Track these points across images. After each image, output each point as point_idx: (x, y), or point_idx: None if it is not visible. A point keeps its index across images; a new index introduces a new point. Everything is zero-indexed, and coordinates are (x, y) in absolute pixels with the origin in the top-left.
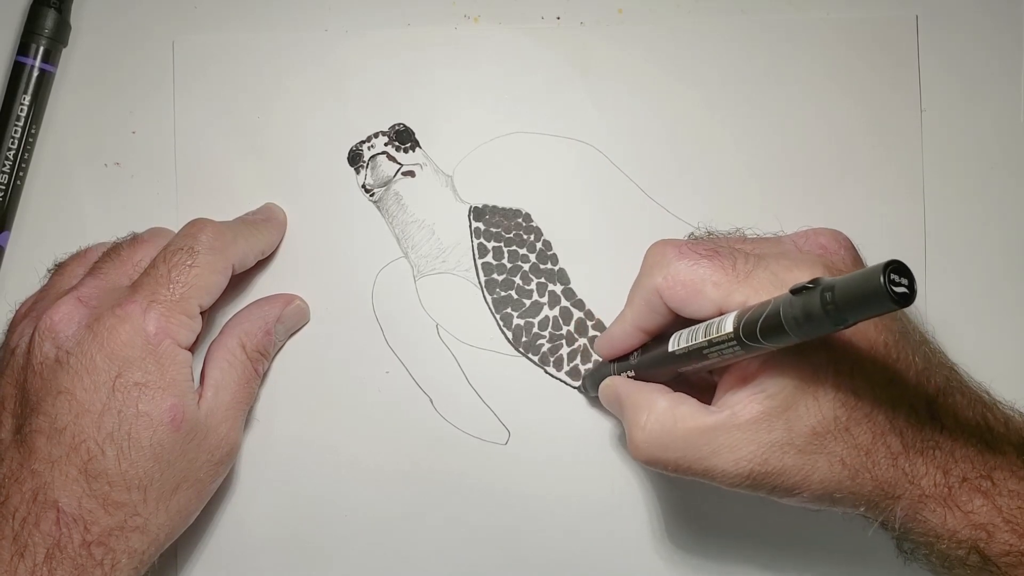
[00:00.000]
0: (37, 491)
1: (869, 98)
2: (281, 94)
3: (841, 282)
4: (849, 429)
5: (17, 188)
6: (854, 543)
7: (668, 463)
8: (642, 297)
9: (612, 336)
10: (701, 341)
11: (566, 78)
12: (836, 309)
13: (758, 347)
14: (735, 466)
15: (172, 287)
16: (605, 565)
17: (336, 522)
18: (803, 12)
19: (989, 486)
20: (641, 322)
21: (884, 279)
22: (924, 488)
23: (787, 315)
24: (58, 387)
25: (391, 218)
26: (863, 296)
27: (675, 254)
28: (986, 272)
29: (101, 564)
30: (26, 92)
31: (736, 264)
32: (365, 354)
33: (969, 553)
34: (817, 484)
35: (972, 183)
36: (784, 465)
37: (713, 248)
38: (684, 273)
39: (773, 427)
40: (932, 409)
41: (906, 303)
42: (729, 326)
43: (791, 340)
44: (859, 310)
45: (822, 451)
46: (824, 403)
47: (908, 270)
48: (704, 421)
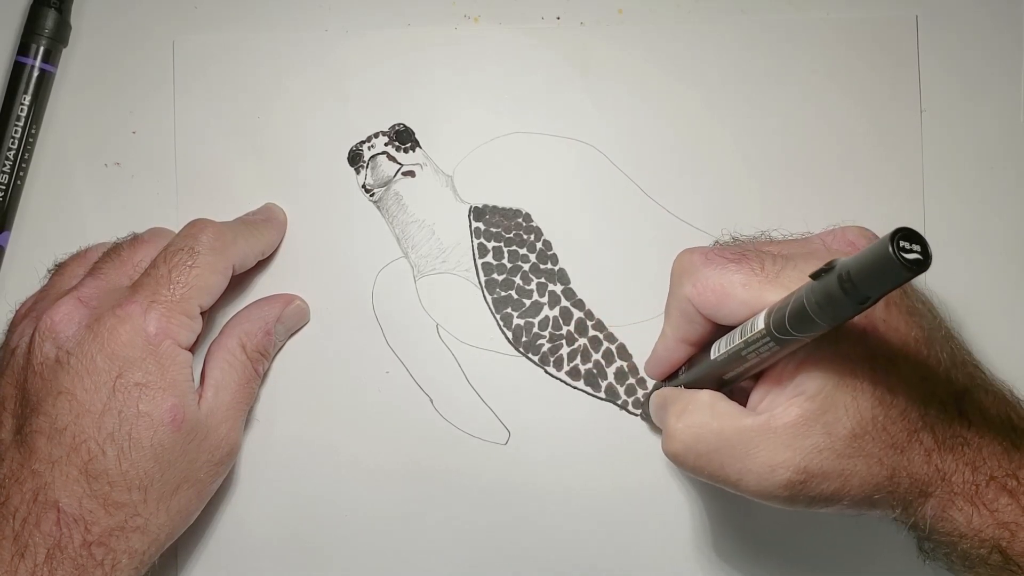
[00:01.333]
0: (38, 491)
1: (869, 98)
2: (281, 94)
3: (855, 259)
4: (886, 428)
5: (17, 188)
6: (870, 542)
7: (699, 456)
8: (676, 308)
9: (656, 354)
10: (738, 343)
11: (566, 78)
12: (853, 286)
13: (791, 339)
14: (771, 472)
15: (172, 287)
16: (605, 565)
17: (336, 522)
18: (803, 12)
19: (1015, 485)
20: (680, 334)
21: (893, 247)
22: (954, 485)
23: (810, 301)
24: (58, 387)
25: (391, 218)
26: (876, 268)
27: (702, 261)
28: (987, 272)
29: (102, 564)
30: (26, 92)
31: (764, 265)
32: (365, 354)
33: (991, 552)
34: (857, 488)
35: (972, 183)
36: (824, 470)
37: (740, 252)
38: (713, 279)
39: (812, 431)
40: (960, 405)
41: (920, 269)
42: (761, 323)
43: (820, 327)
44: (875, 283)
45: (860, 453)
46: (862, 402)
47: (919, 236)
48: (742, 422)
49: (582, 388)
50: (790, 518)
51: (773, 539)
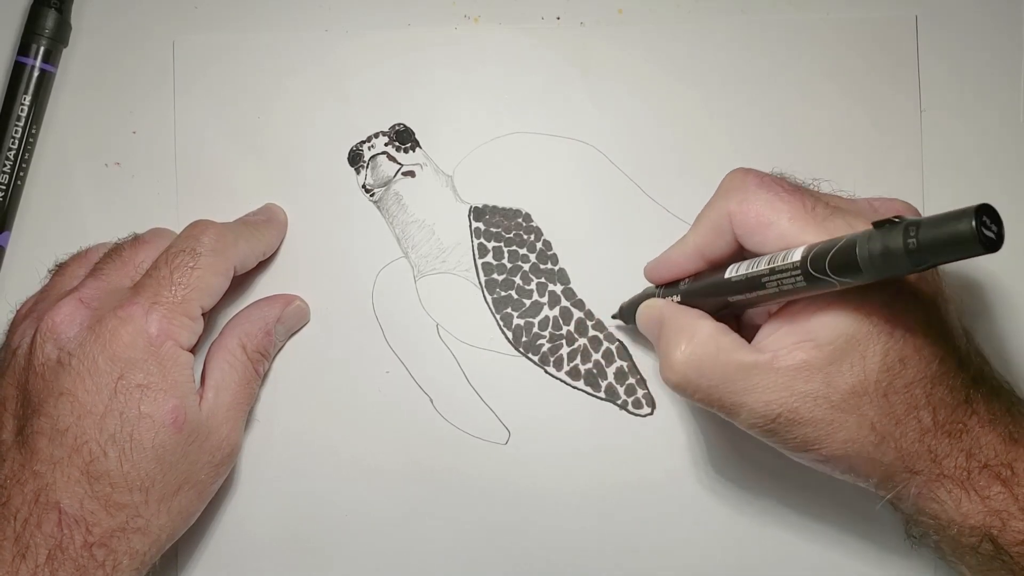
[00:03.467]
0: (39, 492)
1: (869, 98)
2: (281, 94)
3: (928, 220)
4: (888, 395)
5: (17, 188)
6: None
7: (699, 389)
8: (711, 220)
9: (668, 257)
10: (763, 268)
11: (566, 78)
12: (918, 247)
13: (823, 281)
14: (764, 407)
15: (174, 289)
16: (605, 564)
17: (336, 522)
18: (803, 12)
19: (1009, 475)
20: (703, 246)
21: (976, 223)
22: (944, 468)
23: (863, 248)
24: (60, 388)
25: (391, 218)
26: (950, 237)
27: (756, 183)
28: (986, 272)
29: (103, 565)
30: (26, 92)
31: (816, 207)
32: (365, 354)
33: (982, 541)
34: (839, 443)
35: (972, 183)
36: (813, 417)
37: (796, 187)
38: (761, 202)
39: (812, 378)
40: (968, 394)
41: (992, 249)
42: (796, 256)
43: (860, 278)
44: (943, 251)
45: (855, 411)
46: (870, 364)
47: (999, 217)
48: (745, 358)
49: (582, 388)
50: (794, 520)
51: (774, 539)
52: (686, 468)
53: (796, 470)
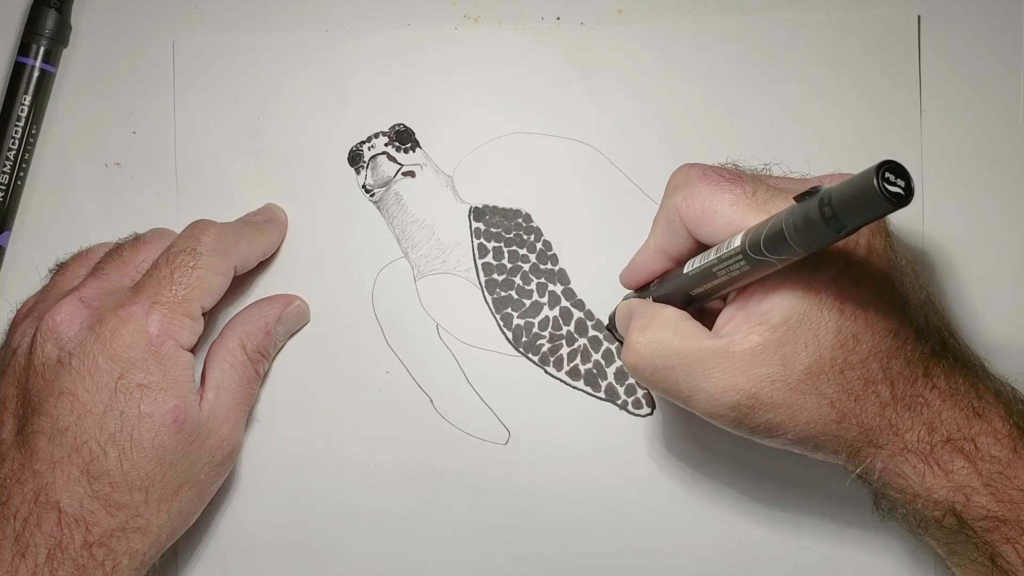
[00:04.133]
0: (39, 492)
1: (869, 98)
2: (281, 94)
3: (838, 186)
4: (844, 372)
5: (18, 188)
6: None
7: (656, 370)
8: (663, 218)
9: (634, 262)
10: (712, 259)
11: (566, 78)
12: (833, 212)
13: (763, 260)
14: (722, 394)
15: (175, 289)
16: (605, 564)
17: (336, 522)
18: (803, 12)
19: (972, 449)
20: (662, 244)
21: (878, 179)
22: (907, 442)
23: (788, 223)
24: (60, 388)
25: (391, 218)
26: (859, 197)
27: (698, 175)
28: (985, 272)
29: (102, 565)
30: (27, 92)
31: (757, 191)
32: (365, 354)
33: (945, 515)
34: (803, 425)
35: (972, 183)
36: (773, 400)
37: (737, 175)
38: (704, 193)
39: (768, 361)
40: (927, 367)
41: (900, 204)
42: (737, 242)
43: (794, 252)
44: (855, 212)
45: (813, 391)
46: (824, 342)
47: (905, 171)
48: (702, 343)
49: (582, 388)
50: (794, 520)
51: (774, 538)
52: (686, 468)
53: (796, 469)
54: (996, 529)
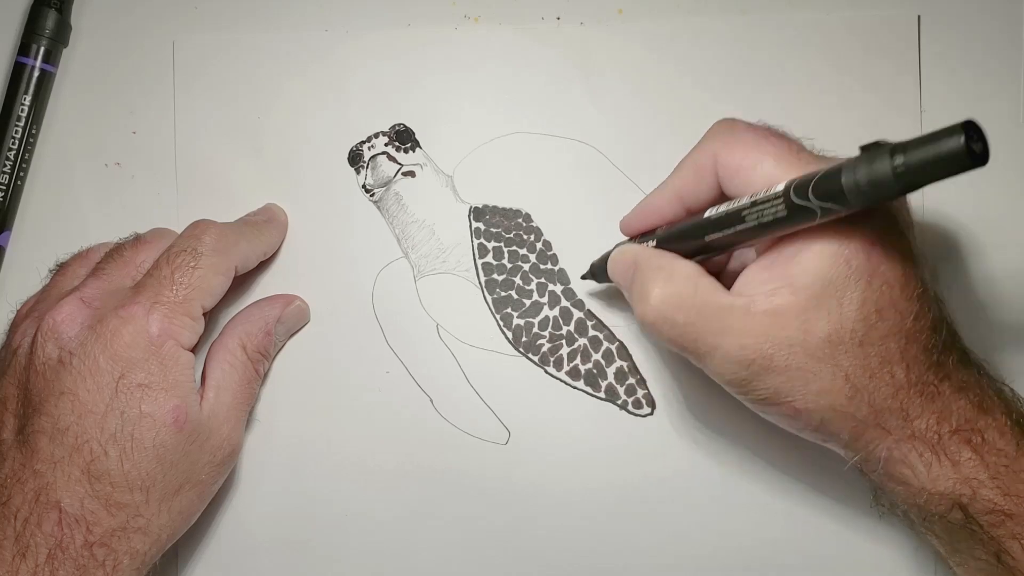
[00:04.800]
0: (39, 492)
1: (869, 98)
2: (281, 94)
3: (914, 140)
4: (863, 346)
5: (18, 188)
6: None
7: (676, 325)
8: (694, 162)
9: (645, 203)
10: (745, 202)
11: (566, 78)
12: (906, 168)
13: (804, 210)
14: (739, 351)
15: (175, 288)
16: (605, 564)
17: (336, 522)
18: (803, 12)
19: (979, 441)
20: (682, 189)
21: (965, 136)
22: (916, 428)
23: (848, 173)
24: (61, 388)
25: (391, 218)
26: (939, 154)
27: (744, 127)
28: (986, 273)
29: (103, 565)
30: (27, 92)
31: (801, 152)
32: (365, 354)
33: (951, 509)
34: (813, 394)
35: (971, 184)
36: (788, 365)
37: (783, 133)
38: (749, 143)
39: (789, 324)
40: (940, 357)
41: (981, 162)
42: (780, 187)
43: (844, 203)
44: (930, 169)
45: (830, 360)
46: (847, 312)
47: (983, 133)
48: (722, 299)
49: (582, 388)
50: (794, 518)
51: (774, 538)
52: (685, 468)
53: (797, 468)
54: (1002, 524)
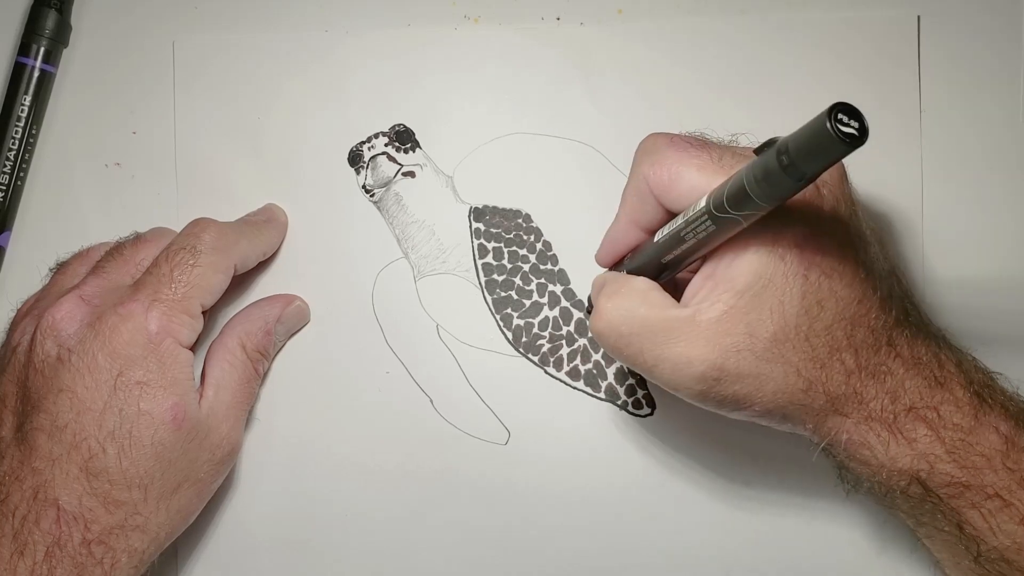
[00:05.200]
0: (37, 489)
1: (869, 98)
2: (281, 94)
3: (794, 133)
4: (809, 339)
5: (18, 188)
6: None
7: (622, 337)
8: (632, 189)
9: (607, 237)
10: (679, 224)
11: (566, 79)
12: (791, 160)
13: (727, 219)
14: (687, 365)
15: (174, 286)
16: (605, 564)
17: (336, 522)
18: (803, 12)
19: (935, 417)
20: (632, 216)
21: (831, 121)
22: (871, 410)
23: (749, 177)
24: (59, 385)
25: (391, 219)
26: (813, 141)
27: (666, 142)
28: (985, 273)
29: (101, 563)
30: (27, 92)
31: (723, 157)
32: (365, 354)
33: (910, 484)
34: (770, 395)
35: (971, 184)
36: (740, 371)
37: (704, 141)
38: (671, 159)
39: (734, 330)
40: (890, 336)
41: (854, 145)
42: (703, 203)
43: (756, 206)
44: (812, 158)
45: (779, 359)
46: (788, 309)
47: (858, 112)
48: (669, 312)
49: (582, 388)
50: (794, 520)
51: (774, 538)
52: (685, 468)
53: (798, 468)
54: (961, 495)
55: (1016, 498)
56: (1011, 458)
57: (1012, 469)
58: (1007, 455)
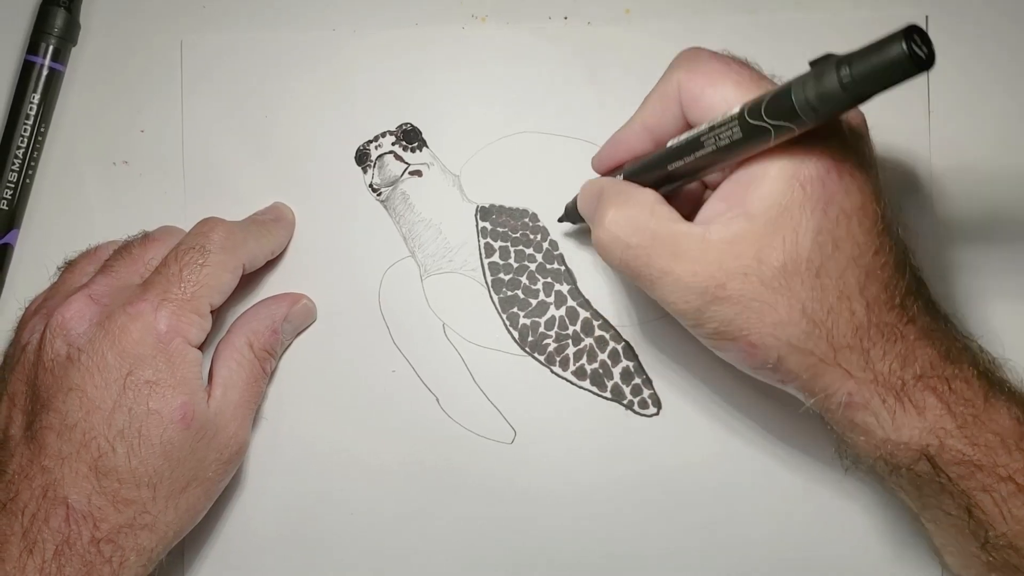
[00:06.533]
0: (47, 488)
1: (876, 99)
2: (289, 93)
3: (859, 50)
4: (819, 276)
5: (26, 186)
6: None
7: (628, 247)
8: (659, 91)
9: (613, 139)
10: (702, 128)
11: (573, 78)
12: (851, 76)
13: (758, 129)
14: (691, 277)
15: (183, 286)
16: (610, 563)
17: (342, 520)
18: (812, 12)
19: (946, 390)
20: (649, 119)
21: (907, 42)
22: (878, 372)
23: (798, 89)
24: (69, 384)
25: (398, 217)
26: (883, 60)
27: (708, 54)
28: (994, 274)
29: (110, 561)
30: (35, 91)
31: (763, 80)
32: (372, 353)
33: (918, 460)
34: (769, 327)
35: (981, 185)
36: (742, 294)
37: (748, 63)
38: (710, 68)
39: (744, 253)
40: (903, 300)
41: (926, 67)
42: (736, 108)
43: (796, 120)
44: (876, 77)
45: (785, 290)
46: (802, 240)
47: (928, 38)
48: (678, 227)
49: (588, 388)
50: (801, 521)
51: (780, 538)
52: (691, 468)
53: (805, 467)
54: (972, 476)
55: None
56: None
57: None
58: (1022, 436)
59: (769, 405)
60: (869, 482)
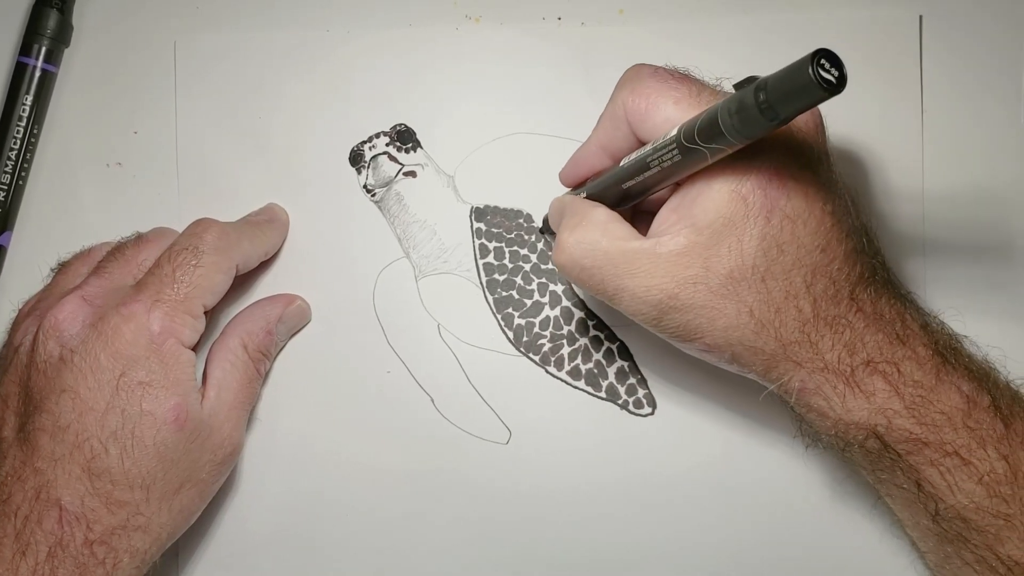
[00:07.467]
0: (40, 489)
1: (870, 98)
2: (283, 94)
3: (774, 74)
4: (765, 281)
5: (19, 188)
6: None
7: (584, 269)
8: (608, 113)
9: (573, 158)
10: (647, 150)
11: (567, 78)
12: (767, 100)
13: (695, 151)
14: (645, 292)
15: (177, 287)
16: (606, 564)
17: (337, 521)
18: (805, 12)
19: (894, 373)
20: (603, 139)
21: (813, 66)
22: (827, 361)
23: (723, 111)
24: (62, 385)
25: (392, 218)
26: (793, 84)
27: (649, 72)
28: (986, 274)
29: (103, 563)
30: (28, 92)
31: (702, 94)
32: (366, 354)
33: (867, 438)
34: (720, 330)
35: (973, 184)
36: (693, 302)
37: (686, 76)
38: (651, 88)
39: (691, 263)
40: (853, 290)
41: (833, 92)
42: (674, 132)
43: (726, 141)
44: (789, 100)
45: (733, 296)
46: (747, 248)
47: (839, 60)
48: (629, 244)
49: (583, 388)
50: (799, 520)
51: (776, 538)
52: (687, 468)
53: (802, 466)
54: (919, 452)
55: (975, 457)
56: (972, 417)
57: (972, 428)
58: (968, 414)
59: (763, 405)
60: (867, 482)
